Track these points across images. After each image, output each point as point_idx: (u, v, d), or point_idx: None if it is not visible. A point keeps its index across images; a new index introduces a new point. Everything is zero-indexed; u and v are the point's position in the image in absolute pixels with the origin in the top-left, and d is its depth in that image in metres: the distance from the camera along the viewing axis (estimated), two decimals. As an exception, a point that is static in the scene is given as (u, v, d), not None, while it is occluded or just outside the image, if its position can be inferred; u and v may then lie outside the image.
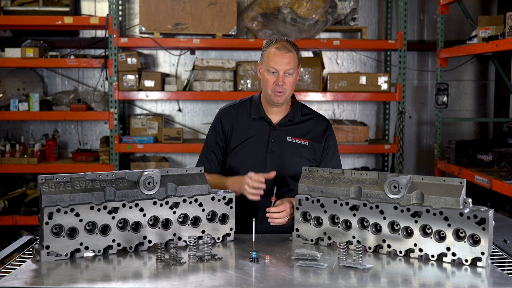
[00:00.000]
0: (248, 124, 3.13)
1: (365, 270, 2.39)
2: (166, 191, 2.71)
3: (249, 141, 3.11)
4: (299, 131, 3.13)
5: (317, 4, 5.71)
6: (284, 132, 3.12)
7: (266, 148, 3.09)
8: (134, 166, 6.11)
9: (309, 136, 3.13)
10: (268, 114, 3.13)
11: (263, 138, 3.11)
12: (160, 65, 6.54)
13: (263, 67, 3.05)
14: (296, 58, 3.04)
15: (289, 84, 3.02)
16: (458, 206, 2.47)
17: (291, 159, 3.09)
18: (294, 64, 3.01)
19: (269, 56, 3.01)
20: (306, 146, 3.12)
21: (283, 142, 3.11)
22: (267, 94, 3.06)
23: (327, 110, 6.64)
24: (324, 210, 2.72)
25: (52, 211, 2.45)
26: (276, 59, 2.99)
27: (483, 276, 2.35)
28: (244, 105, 3.20)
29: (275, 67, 2.99)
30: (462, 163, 5.61)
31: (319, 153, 3.14)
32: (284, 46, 3.01)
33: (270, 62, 3.00)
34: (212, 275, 2.32)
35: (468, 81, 6.69)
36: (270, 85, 3.01)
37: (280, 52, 2.99)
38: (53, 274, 2.33)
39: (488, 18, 5.34)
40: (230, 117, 3.17)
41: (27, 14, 5.92)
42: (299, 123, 3.14)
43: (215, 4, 5.83)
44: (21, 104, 5.85)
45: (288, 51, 3.00)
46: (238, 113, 3.17)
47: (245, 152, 3.10)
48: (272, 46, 3.03)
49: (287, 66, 2.99)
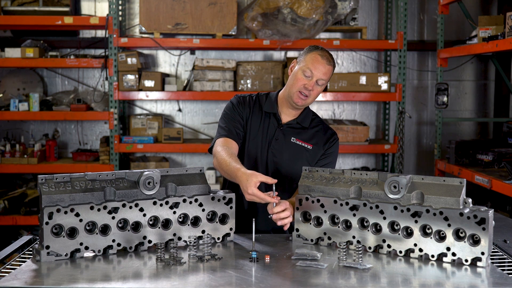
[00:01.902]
0: (260, 118, 3.15)
1: (365, 270, 2.38)
2: (166, 191, 2.71)
3: (256, 134, 3.14)
4: (305, 135, 3.16)
5: (317, 4, 5.71)
6: (290, 133, 3.14)
7: (269, 144, 3.12)
8: (134, 166, 6.11)
9: (313, 141, 3.16)
10: (280, 113, 3.15)
11: (269, 134, 3.13)
12: (160, 65, 6.54)
13: (300, 66, 3.06)
14: (331, 73, 3.08)
15: (315, 93, 3.05)
16: (458, 206, 2.47)
17: (291, 160, 3.09)
18: (327, 78, 3.06)
19: (312, 59, 3.03)
20: (308, 150, 3.13)
21: (287, 142, 3.13)
22: (291, 92, 3.06)
23: (327, 110, 6.64)
24: (324, 210, 2.72)
25: (52, 211, 2.45)
26: (316, 65, 3.01)
27: (483, 276, 2.35)
28: (258, 98, 3.22)
29: (312, 71, 3.01)
30: (462, 163, 5.61)
31: (318, 157, 3.16)
32: (327, 57, 3.05)
33: (309, 65, 3.02)
34: (212, 275, 2.32)
35: (468, 81, 6.69)
36: (299, 85, 3.03)
37: (323, 60, 3.03)
38: (53, 274, 2.33)
39: (488, 18, 5.34)
40: (247, 106, 3.17)
41: (27, 14, 5.92)
42: (307, 128, 3.17)
43: (215, 4, 5.83)
44: (21, 104, 5.85)
45: (329, 63, 3.04)
46: (254, 104, 3.18)
47: (249, 144, 3.12)
48: (317, 51, 3.06)
49: (323, 75, 3.02)
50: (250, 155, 3.14)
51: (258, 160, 3.12)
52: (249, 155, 3.14)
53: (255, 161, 3.12)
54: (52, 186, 2.50)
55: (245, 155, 3.14)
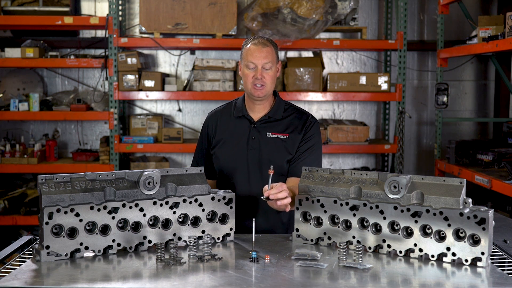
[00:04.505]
0: (230, 124, 3.18)
1: (365, 270, 2.38)
2: (166, 191, 2.70)
3: (230, 140, 3.15)
4: (280, 127, 3.15)
5: (317, 4, 5.71)
6: (264, 128, 3.14)
7: (247, 145, 3.12)
8: (134, 166, 6.11)
9: (289, 130, 3.14)
10: (250, 113, 3.17)
11: (244, 135, 3.14)
12: (160, 65, 6.54)
13: (243, 63, 3.11)
14: (273, 53, 3.09)
15: (268, 78, 3.06)
16: (458, 206, 2.47)
17: (270, 154, 3.09)
18: (272, 58, 3.06)
19: (247, 52, 3.07)
20: (285, 140, 3.12)
21: (263, 138, 3.12)
22: (248, 89, 3.10)
23: (327, 110, 6.64)
24: (324, 210, 2.72)
25: (52, 211, 2.45)
26: (254, 54, 3.05)
27: (483, 276, 2.35)
28: (228, 106, 3.26)
29: (253, 61, 3.04)
30: (462, 163, 5.61)
31: (297, 144, 3.13)
32: (261, 42, 3.08)
33: (248, 57, 3.06)
34: (212, 275, 2.32)
35: (468, 81, 6.69)
36: (250, 79, 3.06)
37: (257, 47, 3.05)
38: (53, 274, 2.33)
39: (488, 18, 5.34)
40: (214, 120, 3.24)
41: (27, 14, 5.92)
42: (280, 119, 3.16)
43: (215, 4, 5.83)
44: (21, 104, 5.85)
45: (265, 46, 3.06)
46: (222, 114, 3.23)
47: (227, 150, 3.14)
48: (249, 42, 3.10)
49: (264, 60, 3.04)
50: (227, 161, 3.14)
51: (238, 162, 3.11)
52: (227, 161, 3.14)
53: (234, 164, 3.12)
54: (52, 186, 2.50)
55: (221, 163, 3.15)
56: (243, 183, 3.09)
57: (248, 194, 3.07)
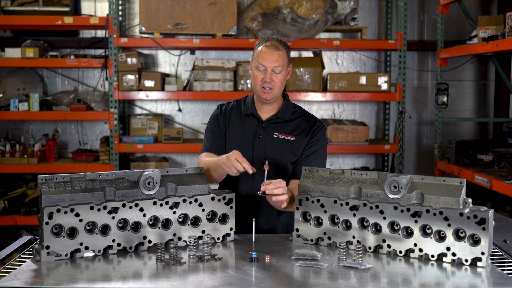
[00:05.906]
0: (239, 121, 3.18)
1: (365, 270, 2.38)
2: (166, 191, 2.70)
3: (237, 136, 3.16)
4: (287, 128, 3.15)
5: (317, 4, 5.71)
6: (271, 128, 3.14)
7: (253, 143, 3.12)
8: (134, 166, 6.11)
9: (296, 132, 3.14)
10: (258, 112, 3.17)
11: (251, 134, 3.14)
12: (160, 65, 6.54)
13: (253, 64, 3.10)
14: (285, 57, 3.07)
15: (277, 82, 3.05)
16: (458, 206, 2.47)
17: (275, 154, 3.09)
18: (282, 62, 3.05)
19: (259, 54, 3.05)
20: (291, 142, 3.12)
21: (270, 138, 3.13)
22: (256, 91, 3.10)
23: (327, 110, 6.64)
24: (324, 210, 2.72)
25: (52, 211, 2.45)
26: (264, 57, 3.03)
27: (483, 276, 2.35)
28: (239, 103, 3.26)
29: (263, 64, 3.03)
30: (462, 163, 5.61)
31: (303, 147, 3.13)
32: (273, 44, 3.05)
33: (259, 59, 3.04)
34: (212, 275, 2.32)
35: (468, 81, 6.69)
36: (259, 82, 3.06)
37: (269, 50, 3.03)
38: (53, 274, 2.33)
39: (488, 18, 5.34)
40: (225, 112, 3.23)
41: (27, 14, 5.92)
42: (288, 121, 3.16)
43: (215, 4, 5.83)
44: (21, 104, 5.85)
45: (277, 49, 3.04)
46: (232, 109, 3.23)
47: (233, 146, 3.13)
48: (262, 44, 3.08)
49: (275, 63, 3.03)
50: None
51: None
52: None
53: None
54: (52, 186, 2.50)
55: None
56: (247, 181, 3.09)
57: (252, 192, 3.06)
